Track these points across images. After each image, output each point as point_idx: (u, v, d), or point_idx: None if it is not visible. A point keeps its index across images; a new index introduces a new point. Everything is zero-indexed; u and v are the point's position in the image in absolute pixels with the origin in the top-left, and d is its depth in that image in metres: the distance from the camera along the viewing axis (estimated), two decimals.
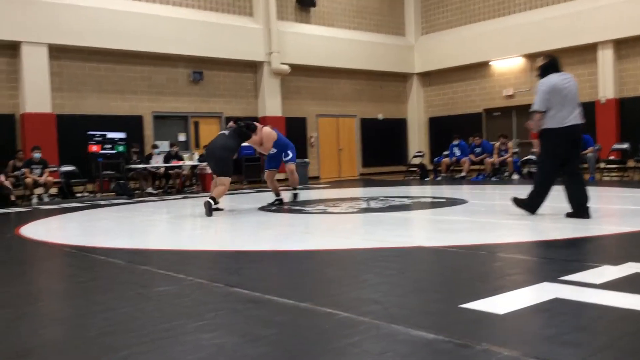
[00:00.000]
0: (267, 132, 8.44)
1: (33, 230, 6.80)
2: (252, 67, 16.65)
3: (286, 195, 8.97)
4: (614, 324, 2.42)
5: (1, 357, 2.27)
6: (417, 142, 20.09)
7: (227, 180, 7.65)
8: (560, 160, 5.68)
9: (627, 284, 3.00)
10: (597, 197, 8.80)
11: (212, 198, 7.38)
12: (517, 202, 6.08)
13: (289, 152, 8.70)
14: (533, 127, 5.81)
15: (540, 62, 5.90)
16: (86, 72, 13.97)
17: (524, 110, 17.36)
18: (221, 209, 7.90)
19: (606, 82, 15.28)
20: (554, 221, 5.89)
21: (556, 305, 2.67)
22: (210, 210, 7.26)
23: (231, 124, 8.17)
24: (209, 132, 16.18)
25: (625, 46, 15.14)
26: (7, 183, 11.25)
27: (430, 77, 19.89)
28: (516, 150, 14.71)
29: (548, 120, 5.66)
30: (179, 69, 15.38)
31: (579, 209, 5.68)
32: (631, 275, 3.20)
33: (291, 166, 8.76)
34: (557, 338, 2.21)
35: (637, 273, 3.23)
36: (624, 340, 2.20)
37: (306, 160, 16.25)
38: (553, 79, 5.68)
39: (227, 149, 7.73)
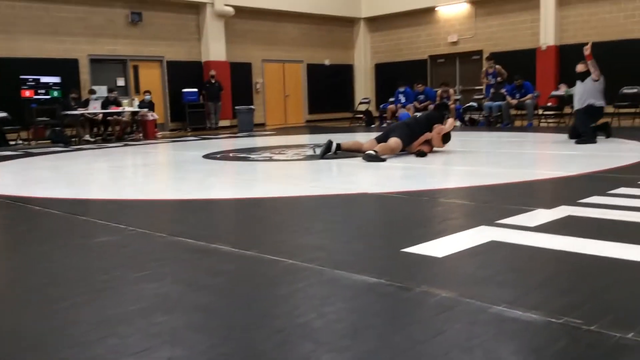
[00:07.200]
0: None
1: None
2: (195, 8, 16.08)
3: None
4: (547, 264, 2.54)
5: None
6: (364, 88, 20.08)
7: (396, 141, 7.09)
8: None
9: (560, 226, 3.13)
10: (534, 143, 9.10)
11: (375, 152, 6.82)
12: None
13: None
14: None
15: None
16: (17, 12, 13.17)
17: (468, 57, 17.66)
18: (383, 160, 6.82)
19: (547, 28, 15.54)
20: (492, 167, 6.07)
21: (492, 247, 2.78)
22: (371, 159, 6.69)
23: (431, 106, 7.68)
24: (150, 76, 15.67)
25: None
26: None
27: (376, 22, 19.73)
28: (458, 97, 14.89)
29: None
30: (116, 9, 14.69)
31: None
32: (564, 218, 3.34)
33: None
34: (492, 279, 2.30)
35: (569, 216, 3.38)
36: (555, 280, 2.31)
37: (251, 106, 16.04)
38: None
39: (415, 122, 7.49)
